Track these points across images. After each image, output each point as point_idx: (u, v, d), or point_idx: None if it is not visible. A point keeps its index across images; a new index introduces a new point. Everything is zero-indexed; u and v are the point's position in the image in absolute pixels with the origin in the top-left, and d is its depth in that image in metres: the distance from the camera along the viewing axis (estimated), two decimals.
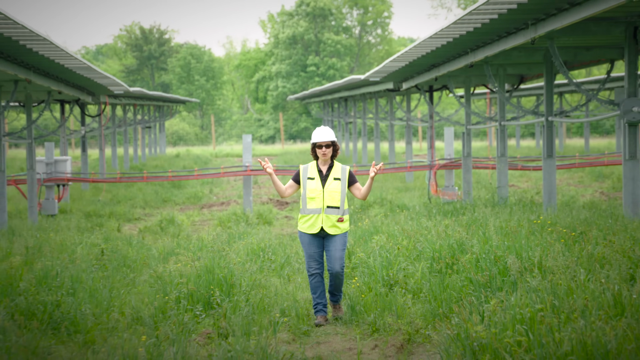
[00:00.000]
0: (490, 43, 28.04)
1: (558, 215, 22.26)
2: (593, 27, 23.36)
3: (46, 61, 30.07)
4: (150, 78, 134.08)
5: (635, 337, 9.66)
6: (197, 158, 75.42)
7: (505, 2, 21.85)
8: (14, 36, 24.17)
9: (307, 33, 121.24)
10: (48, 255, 18.99)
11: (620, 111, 23.14)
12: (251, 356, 10.45)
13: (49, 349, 11.88)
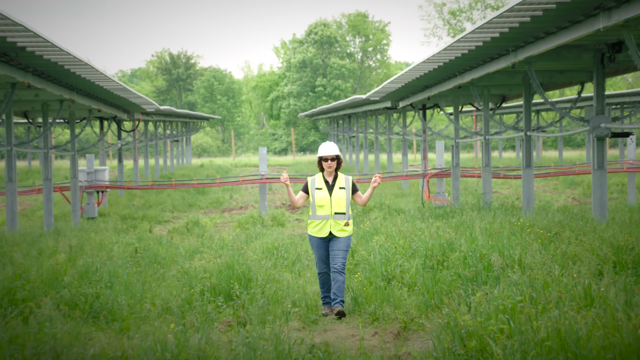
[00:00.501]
0: (476, 67, 28.05)
1: (535, 218, 22.24)
2: (566, 53, 23.39)
3: (88, 83, 30.12)
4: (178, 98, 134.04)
5: (603, 325, 9.68)
6: (219, 168, 75.36)
7: (489, 31, 21.89)
8: (59, 61, 24.22)
9: (316, 58, 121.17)
10: (89, 253, 19.02)
11: (590, 127, 23.17)
12: (266, 342, 10.46)
13: (90, 335, 11.92)
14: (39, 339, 10.87)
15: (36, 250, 19.31)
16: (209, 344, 10.65)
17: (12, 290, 13.76)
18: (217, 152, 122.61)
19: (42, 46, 21.73)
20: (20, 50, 22.17)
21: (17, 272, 15.28)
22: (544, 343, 9.14)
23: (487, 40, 22.91)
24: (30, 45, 21.46)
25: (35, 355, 9.94)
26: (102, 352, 10.34)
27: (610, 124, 23.15)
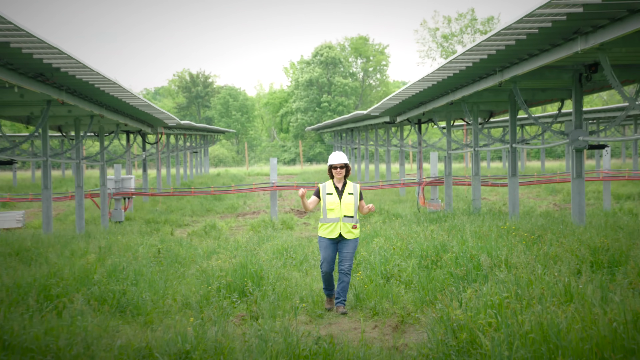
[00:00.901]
0: (467, 85, 28.05)
1: (520, 222, 22.22)
2: (547, 73, 23.41)
3: (116, 100, 30.16)
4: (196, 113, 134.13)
5: (581, 319, 9.67)
6: (233, 176, 75.40)
7: (478, 53, 21.89)
8: (90, 80, 24.26)
9: (321, 77, 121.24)
10: (116, 254, 19.03)
11: (569, 140, 23.18)
12: (277, 334, 10.47)
13: (117, 328, 11.93)
14: (71, 331, 10.89)
15: (69, 251, 19.34)
16: (224, 336, 10.66)
17: (48, 287, 13.80)
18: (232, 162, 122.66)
19: (74, 67, 21.78)
20: (55, 71, 22.23)
21: (52, 270, 15.32)
22: (528, 335, 9.15)
23: (477, 61, 22.93)
24: (64, 66, 21.51)
25: (68, 345, 9.96)
26: (128, 343, 10.36)
27: (587, 137, 23.15)
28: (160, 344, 10.18)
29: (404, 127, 50.79)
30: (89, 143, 73.49)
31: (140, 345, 10.15)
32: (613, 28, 17.20)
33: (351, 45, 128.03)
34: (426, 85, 29.00)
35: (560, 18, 17.05)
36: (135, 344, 10.25)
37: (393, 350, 10.66)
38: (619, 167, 67.19)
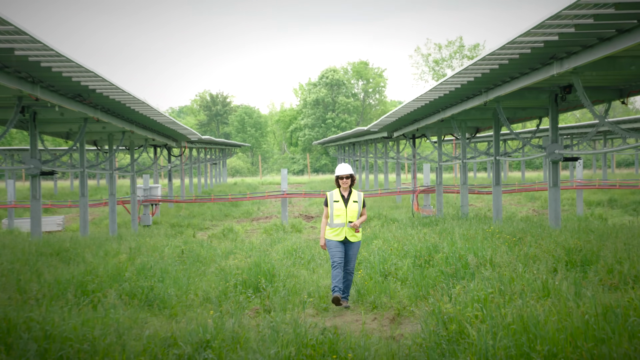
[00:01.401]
0: (455, 104, 28.08)
1: (503, 226, 22.20)
2: (527, 94, 23.41)
3: (144, 118, 30.22)
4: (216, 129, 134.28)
5: (557, 311, 9.65)
6: (248, 185, 75.48)
7: (465, 76, 21.91)
8: (122, 100, 24.32)
9: (326, 97, 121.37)
10: (145, 254, 19.04)
11: (546, 153, 23.17)
12: (287, 325, 10.46)
13: (145, 320, 11.93)
14: (105, 322, 10.89)
15: (103, 251, 19.36)
16: (241, 327, 10.66)
17: (84, 283, 13.82)
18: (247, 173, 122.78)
19: (108, 88, 21.83)
20: (91, 92, 22.29)
21: (88, 269, 15.34)
22: (510, 326, 9.13)
23: (464, 83, 22.95)
24: (99, 87, 21.56)
25: (103, 335, 9.96)
26: (156, 333, 10.35)
27: (562, 150, 23.15)
28: (184, 334, 10.18)
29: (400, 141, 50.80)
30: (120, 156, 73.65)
31: (166, 335, 10.15)
32: (585, 54, 17.22)
33: (353, 69, 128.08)
34: (419, 104, 29.03)
35: (538, 45, 17.06)
36: (162, 334, 10.25)
37: (390, 340, 10.65)
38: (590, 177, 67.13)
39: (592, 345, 8.17)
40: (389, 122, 38.54)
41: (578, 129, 48.20)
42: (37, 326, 10.11)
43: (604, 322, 9.08)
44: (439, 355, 9.03)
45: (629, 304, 9.99)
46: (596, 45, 16.67)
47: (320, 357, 9.07)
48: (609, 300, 10.36)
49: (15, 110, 20.82)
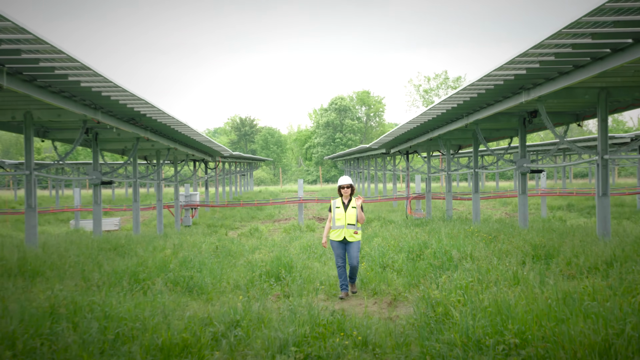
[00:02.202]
0: (442, 126, 28.05)
1: (481, 226, 22.16)
2: (500, 117, 23.40)
3: (186, 137, 30.29)
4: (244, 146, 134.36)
5: (525, 297, 9.64)
6: (271, 193, 75.53)
7: (450, 103, 21.91)
8: (167, 123, 24.39)
9: (335, 120, 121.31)
10: (186, 249, 19.08)
11: (516, 166, 23.15)
12: (303, 308, 10.46)
13: (186, 303, 11.95)
14: (153, 305, 10.91)
15: (152, 247, 19.41)
16: (264, 309, 10.67)
17: (136, 273, 13.84)
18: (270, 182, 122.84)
19: (156, 113, 21.90)
20: (142, 116, 22.36)
21: (139, 261, 15.38)
22: (487, 309, 9.12)
23: (449, 109, 22.96)
24: (149, 112, 21.64)
25: (151, 316, 9.98)
26: (195, 314, 10.37)
27: (529, 164, 23.13)
28: (218, 315, 10.19)
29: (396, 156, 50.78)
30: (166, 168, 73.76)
31: (203, 316, 10.17)
32: (548, 85, 17.21)
33: (357, 97, 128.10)
34: (412, 126, 29.03)
35: (509, 77, 17.05)
36: (200, 315, 10.26)
37: (388, 320, 10.64)
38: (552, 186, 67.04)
39: (554, 324, 8.16)
40: (387, 141, 38.55)
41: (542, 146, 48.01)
42: (98, 308, 10.15)
43: (564, 306, 9.06)
44: (428, 333, 9.02)
45: (584, 291, 9.97)
46: (557, 78, 16.66)
47: (330, 335, 9.07)
48: (567, 288, 10.35)
49: (81, 132, 20.91)
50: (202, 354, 8.59)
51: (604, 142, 17.74)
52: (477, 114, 23.05)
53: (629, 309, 8.81)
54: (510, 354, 7.71)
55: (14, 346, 7.98)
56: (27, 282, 13.15)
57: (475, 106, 22.49)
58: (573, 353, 7.28)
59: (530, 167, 23.12)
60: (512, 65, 15.71)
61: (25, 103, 18.31)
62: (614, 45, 13.64)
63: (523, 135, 23.57)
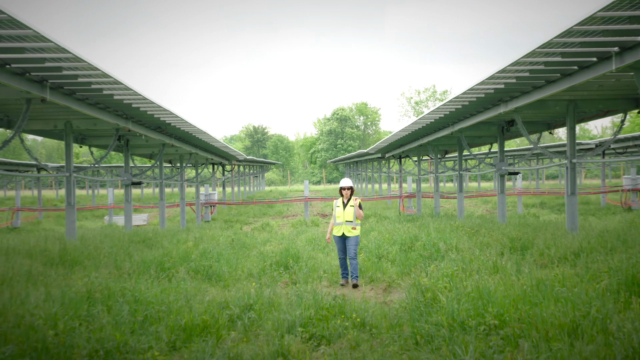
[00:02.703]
0: (430, 134, 28.06)
1: (465, 222, 22.16)
2: (482, 126, 23.39)
3: (205, 143, 30.32)
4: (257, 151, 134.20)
5: (503, 283, 9.63)
6: (280, 192, 75.51)
7: (437, 113, 21.92)
8: (189, 131, 24.44)
9: (337, 128, 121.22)
10: (205, 241, 19.08)
11: (496, 169, 23.15)
12: (308, 293, 10.47)
13: (206, 289, 11.96)
14: (177, 290, 10.94)
15: (175, 240, 19.43)
16: (275, 294, 10.68)
17: (162, 262, 13.87)
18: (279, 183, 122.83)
19: (180, 122, 21.94)
20: (167, 125, 22.40)
21: (165, 252, 15.40)
22: (470, 294, 9.12)
23: (436, 118, 22.97)
24: (173, 121, 21.67)
25: (175, 300, 10.01)
26: (213, 299, 10.38)
27: (507, 167, 23.12)
28: (234, 299, 10.21)
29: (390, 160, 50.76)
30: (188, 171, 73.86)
31: (221, 300, 10.18)
32: (523, 98, 17.22)
33: (356, 108, 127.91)
34: (404, 133, 29.06)
35: (489, 91, 17.06)
36: (218, 300, 10.28)
37: (383, 304, 10.65)
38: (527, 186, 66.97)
39: (528, 307, 8.17)
40: (383, 147, 38.56)
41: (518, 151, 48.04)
42: (129, 293, 10.18)
43: (537, 291, 9.07)
44: (419, 315, 9.02)
45: (554, 278, 9.98)
46: (531, 92, 16.67)
47: (332, 317, 9.08)
48: (540, 275, 10.36)
49: (114, 138, 20.96)
50: (219, 334, 8.61)
51: (572, 147, 17.75)
52: (461, 123, 23.07)
53: (594, 293, 8.84)
54: (490, 333, 7.72)
55: (56, 326, 8.01)
56: (67, 270, 13.19)
57: (459, 116, 22.51)
58: (545, 332, 7.29)
59: (507, 170, 23.12)
60: (492, 80, 15.72)
61: (65, 114, 18.37)
62: (580, 63, 13.66)
63: (502, 141, 23.56)
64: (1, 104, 16.72)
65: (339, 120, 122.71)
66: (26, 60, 12.34)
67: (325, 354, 7.75)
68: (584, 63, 13.58)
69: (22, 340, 7.17)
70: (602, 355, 6.15)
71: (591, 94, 17.19)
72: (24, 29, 10.27)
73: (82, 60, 12.53)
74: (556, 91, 15.24)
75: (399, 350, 7.87)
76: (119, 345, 7.67)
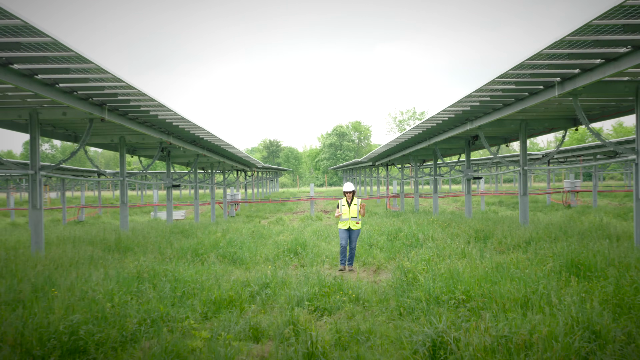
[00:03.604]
0: (411, 146, 28.02)
1: (439, 217, 22.14)
2: (453, 140, 23.37)
3: (231, 154, 30.33)
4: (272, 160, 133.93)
5: (469, 266, 9.61)
6: (291, 193, 75.33)
7: (417, 130, 21.90)
8: (218, 144, 24.44)
9: (336, 142, 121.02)
10: (231, 232, 19.07)
11: (464, 174, 23.08)
12: (313, 274, 10.45)
13: (231, 271, 11.95)
14: (208, 272, 10.94)
15: (207, 231, 19.43)
16: (286, 275, 10.68)
17: (196, 249, 13.87)
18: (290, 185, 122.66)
19: (210, 137, 21.96)
20: (201, 139, 22.42)
21: (198, 241, 15.42)
22: (443, 275, 9.12)
23: (416, 134, 22.96)
24: (205, 136, 21.70)
25: (207, 279, 10.01)
26: (237, 278, 10.39)
27: (472, 173, 23.07)
28: (254, 279, 10.20)
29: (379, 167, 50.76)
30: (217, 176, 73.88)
31: (243, 280, 10.19)
32: (485, 117, 17.21)
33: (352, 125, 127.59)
34: (390, 146, 29.03)
35: (458, 112, 17.07)
36: (241, 279, 10.28)
37: (373, 283, 10.64)
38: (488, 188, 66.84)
39: (489, 285, 8.17)
40: (373, 156, 38.51)
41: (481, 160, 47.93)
42: (170, 274, 10.18)
43: (496, 272, 9.06)
44: (402, 292, 9.02)
45: (510, 262, 9.97)
46: (492, 113, 16.67)
47: (333, 293, 9.08)
48: (499, 260, 10.34)
49: (158, 150, 21.00)
50: (242, 307, 8.61)
51: (524, 157, 17.75)
52: (436, 138, 23.06)
53: (541, 274, 8.84)
54: (459, 306, 7.72)
55: (113, 299, 8.03)
56: (121, 255, 13.22)
57: (434, 132, 22.51)
58: (503, 305, 7.28)
59: (473, 175, 23.08)
60: (461, 103, 15.73)
61: (120, 130, 18.41)
62: (530, 90, 13.67)
63: (468, 152, 23.54)
64: (70, 123, 16.78)
65: (338, 135, 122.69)
66: (89, 88, 12.39)
67: (327, 323, 7.75)
68: (533, 90, 13.59)
69: (86, 310, 7.19)
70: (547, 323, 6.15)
71: (539, 115, 17.19)
72: (88, 63, 10.31)
73: (133, 88, 12.57)
74: (511, 112, 15.25)
75: (386, 319, 7.87)
76: (162, 315, 7.68)
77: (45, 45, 9.20)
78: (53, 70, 10.66)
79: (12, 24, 8.16)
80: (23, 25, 8.27)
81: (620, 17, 8.40)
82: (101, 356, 6.28)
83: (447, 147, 27.04)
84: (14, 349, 5.89)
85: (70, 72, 10.84)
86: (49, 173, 14.22)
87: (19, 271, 10.01)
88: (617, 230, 14.59)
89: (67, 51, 9.53)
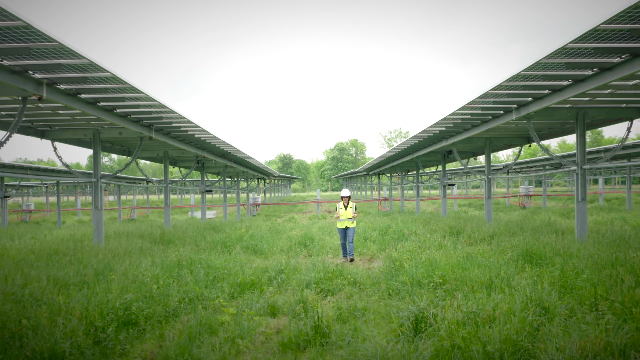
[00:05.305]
0: (398, 159, 27.98)
1: (420, 216, 22.09)
2: (431, 154, 23.32)
3: (253, 165, 30.35)
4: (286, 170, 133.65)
5: (445, 255, 9.61)
6: (301, 197, 75.28)
7: (402, 146, 21.88)
8: (243, 157, 24.45)
9: (337, 155, 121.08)
10: (253, 228, 19.05)
11: (440, 182, 23.04)
12: (319, 263, 10.45)
13: (253, 260, 11.96)
14: (234, 260, 10.94)
15: (234, 227, 19.43)
16: (297, 263, 10.68)
17: (225, 242, 13.88)
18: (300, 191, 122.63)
19: (236, 151, 22.01)
20: (229, 153, 22.46)
21: (227, 235, 15.42)
22: (424, 263, 9.10)
23: (402, 149, 22.94)
24: (232, 150, 21.74)
25: (233, 266, 10.03)
26: (258, 265, 10.40)
27: (448, 181, 23.05)
28: (271, 266, 10.22)
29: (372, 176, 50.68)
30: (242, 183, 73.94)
31: (263, 267, 10.20)
32: (458, 136, 17.19)
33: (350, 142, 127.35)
34: (381, 159, 29.00)
35: (436, 132, 17.06)
36: (261, 266, 10.29)
37: (368, 269, 10.63)
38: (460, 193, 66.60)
39: (461, 271, 8.16)
40: (367, 167, 38.47)
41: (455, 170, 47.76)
42: (204, 262, 10.20)
43: (467, 261, 9.04)
44: (390, 276, 9.02)
45: (477, 252, 9.95)
46: (463, 132, 16.66)
47: (335, 277, 9.08)
48: (469, 250, 10.32)
49: (194, 162, 21.07)
50: (262, 288, 8.63)
51: (488, 168, 17.72)
52: (418, 152, 23.03)
53: (502, 261, 8.82)
54: (437, 288, 7.72)
55: (158, 282, 8.07)
56: (165, 246, 13.25)
57: (417, 148, 22.49)
58: (472, 287, 7.28)
59: (448, 182, 23.04)
60: (437, 124, 15.74)
61: (164, 147, 18.50)
62: (493, 114, 13.68)
63: (444, 164, 23.50)
64: (124, 140, 16.87)
65: (339, 150, 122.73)
66: (140, 112, 12.48)
67: (330, 302, 7.76)
68: (496, 114, 13.60)
69: (137, 291, 7.24)
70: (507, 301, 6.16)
71: (500, 134, 17.17)
72: (139, 92, 10.40)
73: (174, 112, 12.66)
74: (478, 132, 15.24)
75: (378, 299, 7.88)
76: (197, 295, 7.72)
77: (106, 79, 9.30)
78: (112, 98, 10.77)
79: (80, 62, 8.26)
80: (89, 64, 8.37)
81: (563, 56, 8.45)
82: (149, 327, 6.34)
83: (427, 160, 27.02)
84: (80, 321, 5.95)
85: (125, 100, 10.95)
86: (108, 180, 14.31)
87: (84, 259, 10.08)
88: (562, 226, 14.56)
89: (122, 83, 9.64)
